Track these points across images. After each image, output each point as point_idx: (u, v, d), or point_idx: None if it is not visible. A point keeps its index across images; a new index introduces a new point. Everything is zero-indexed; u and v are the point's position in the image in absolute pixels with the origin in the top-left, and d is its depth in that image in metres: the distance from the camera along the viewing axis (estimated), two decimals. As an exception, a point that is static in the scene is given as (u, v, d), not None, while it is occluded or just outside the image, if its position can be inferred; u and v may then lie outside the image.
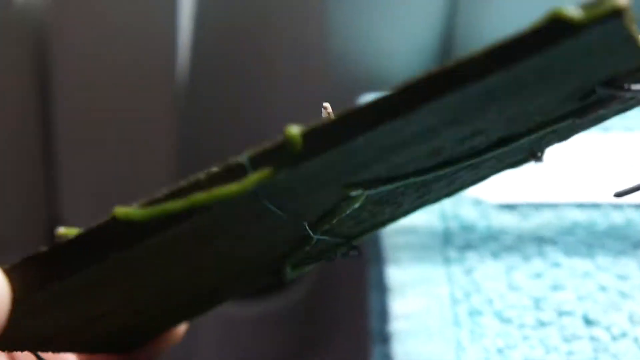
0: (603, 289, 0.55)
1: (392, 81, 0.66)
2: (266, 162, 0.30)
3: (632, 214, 0.60)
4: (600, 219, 0.60)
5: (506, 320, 0.54)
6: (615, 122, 0.63)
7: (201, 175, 0.31)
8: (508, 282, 0.55)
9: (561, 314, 0.54)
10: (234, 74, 0.71)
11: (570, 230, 0.59)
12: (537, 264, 0.56)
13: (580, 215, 0.60)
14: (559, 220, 0.59)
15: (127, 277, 0.35)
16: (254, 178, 0.30)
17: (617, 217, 0.60)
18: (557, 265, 0.57)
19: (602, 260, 0.57)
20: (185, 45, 0.69)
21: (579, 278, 0.56)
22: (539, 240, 0.58)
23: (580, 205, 0.60)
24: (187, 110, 0.71)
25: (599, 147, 0.63)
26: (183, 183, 0.31)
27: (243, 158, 0.31)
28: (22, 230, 0.75)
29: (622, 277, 0.56)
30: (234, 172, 0.31)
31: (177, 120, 0.71)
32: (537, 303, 0.54)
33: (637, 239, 0.58)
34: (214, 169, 0.31)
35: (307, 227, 0.36)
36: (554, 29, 0.27)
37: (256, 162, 0.31)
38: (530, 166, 0.40)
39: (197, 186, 0.31)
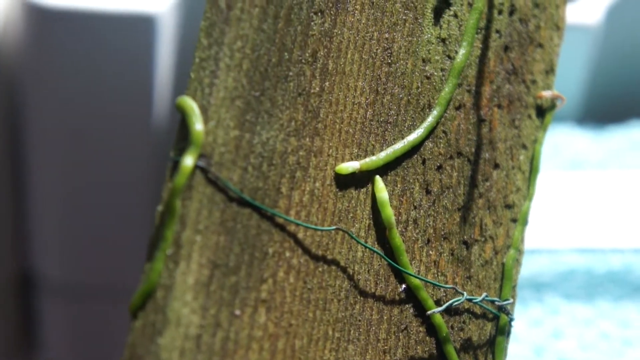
0: (605, 336, 0.53)
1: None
2: None
3: (631, 258, 0.57)
4: (598, 264, 0.57)
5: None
6: (611, 160, 0.61)
7: None
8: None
9: (564, 364, 0.51)
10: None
11: (568, 275, 0.56)
12: (536, 310, 0.54)
13: (578, 260, 0.57)
14: (556, 265, 0.57)
15: None
16: None
17: (616, 262, 0.57)
18: (556, 311, 0.54)
19: (603, 305, 0.54)
20: (162, 100, 0.67)
21: (580, 325, 0.53)
22: (537, 286, 0.55)
23: (578, 250, 0.58)
24: (164, 165, 0.68)
25: (594, 186, 0.61)
26: None
27: None
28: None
29: (625, 324, 0.54)
30: None
31: (154, 171, 0.69)
32: (539, 352, 0.51)
33: (637, 284, 0.56)
34: None
35: None
36: None
37: None
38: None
39: None
